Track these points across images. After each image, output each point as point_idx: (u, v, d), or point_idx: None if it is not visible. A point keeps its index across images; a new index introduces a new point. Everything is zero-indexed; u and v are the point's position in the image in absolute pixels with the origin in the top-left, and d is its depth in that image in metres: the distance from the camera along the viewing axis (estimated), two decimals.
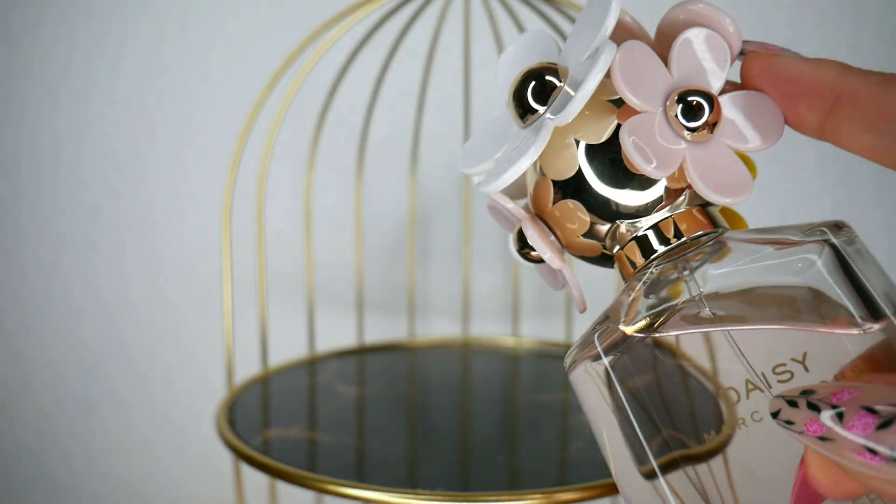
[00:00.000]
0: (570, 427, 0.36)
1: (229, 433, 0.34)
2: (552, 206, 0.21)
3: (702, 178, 0.19)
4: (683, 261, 0.20)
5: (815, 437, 0.14)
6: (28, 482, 0.63)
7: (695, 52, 0.20)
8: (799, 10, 0.58)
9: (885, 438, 0.13)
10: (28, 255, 0.60)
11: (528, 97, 0.20)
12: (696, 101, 0.19)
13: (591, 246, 0.21)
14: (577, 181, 0.20)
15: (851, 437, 0.14)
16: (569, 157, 0.20)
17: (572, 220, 0.21)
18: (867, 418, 0.14)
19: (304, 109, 0.57)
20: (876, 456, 0.13)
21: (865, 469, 0.14)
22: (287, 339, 0.61)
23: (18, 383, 0.61)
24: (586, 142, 0.20)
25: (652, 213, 0.20)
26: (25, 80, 0.58)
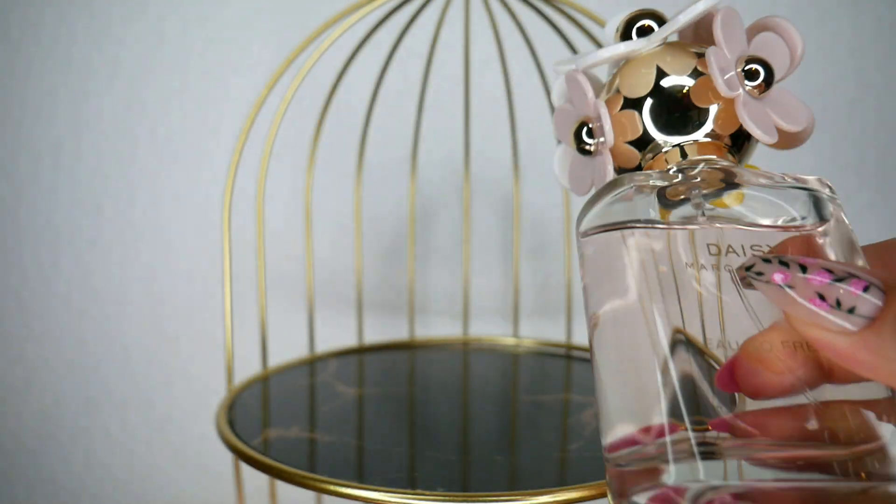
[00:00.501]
0: (570, 427, 0.36)
1: (229, 433, 0.34)
2: (617, 112, 0.25)
3: (747, 113, 0.24)
4: (698, 180, 0.23)
5: (779, 285, 0.18)
6: (28, 482, 0.63)
7: (771, 44, 0.25)
8: (799, 9, 0.58)
9: (833, 290, 0.17)
10: (28, 255, 0.60)
11: (632, 31, 0.25)
12: (757, 68, 0.24)
13: (632, 155, 0.26)
14: (644, 99, 0.25)
15: (810, 285, 0.17)
16: (646, 80, 0.25)
17: (628, 127, 0.25)
18: (825, 275, 0.17)
19: (305, 109, 0.57)
20: (824, 302, 0.17)
21: (814, 316, 0.17)
22: (287, 339, 0.61)
23: (19, 383, 0.61)
24: (669, 72, 0.25)
25: (689, 138, 0.25)
26: (25, 80, 0.58)
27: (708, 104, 0.25)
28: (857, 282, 0.17)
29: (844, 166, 0.59)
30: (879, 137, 0.59)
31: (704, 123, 0.25)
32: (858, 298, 0.17)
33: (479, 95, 0.54)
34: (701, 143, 0.25)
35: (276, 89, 0.47)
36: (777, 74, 0.25)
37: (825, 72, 0.59)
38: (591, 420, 0.36)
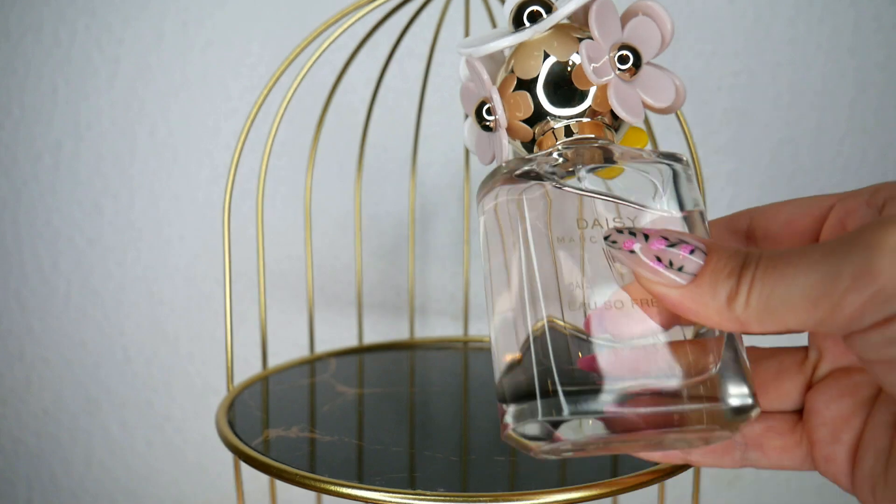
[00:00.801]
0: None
1: (229, 433, 0.34)
2: (511, 93, 0.29)
3: (616, 97, 0.27)
4: (580, 153, 0.27)
5: (628, 251, 0.22)
6: (28, 482, 0.63)
7: (642, 28, 0.28)
8: (799, 9, 0.58)
9: (668, 253, 0.22)
10: (28, 255, 0.60)
11: (523, 17, 0.28)
12: (627, 53, 0.28)
13: (526, 131, 0.29)
14: (534, 80, 0.28)
15: (650, 250, 0.22)
16: (535, 64, 0.28)
17: (521, 106, 0.29)
18: (662, 241, 0.22)
19: (305, 109, 0.57)
20: (661, 263, 0.21)
21: (653, 273, 0.22)
22: (287, 339, 0.61)
23: (19, 383, 0.61)
24: (554, 56, 0.28)
25: (573, 119, 0.29)
26: (25, 80, 0.58)
27: (587, 87, 0.28)
28: (686, 246, 0.22)
29: (844, 166, 0.59)
30: (879, 137, 0.59)
31: (585, 103, 0.28)
32: (685, 259, 0.21)
33: None
34: (583, 122, 0.29)
35: (276, 89, 0.47)
36: (647, 56, 0.28)
37: (825, 72, 0.59)
38: None
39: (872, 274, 0.18)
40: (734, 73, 0.59)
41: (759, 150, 0.59)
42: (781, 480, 0.62)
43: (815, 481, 0.62)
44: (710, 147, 0.59)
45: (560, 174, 0.26)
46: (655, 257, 0.22)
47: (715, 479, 0.63)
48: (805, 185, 0.59)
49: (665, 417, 0.23)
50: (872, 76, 0.59)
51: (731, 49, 0.58)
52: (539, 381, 0.23)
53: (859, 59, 0.58)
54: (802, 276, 0.19)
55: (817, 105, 0.59)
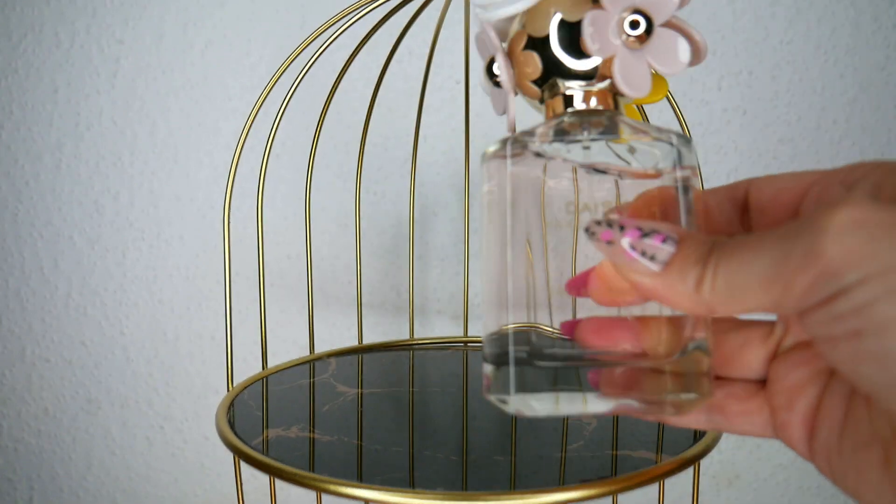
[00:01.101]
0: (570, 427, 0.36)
1: (229, 433, 0.34)
2: (521, 50, 0.28)
3: (620, 72, 0.27)
4: (587, 123, 0.27)
5: (605, 242, 0.23)
6: (28, 482, 0.63)
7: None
8: (799, 10, 0.58)
9: (642, 243, 0.23)
10: (28, 255, 0.60)
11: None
12: (639, 19, 0.27)
13: (534, 90, 0.29)
14: (544, 40, 0.27)
15: (624, 240, 0.23)
16: (546, 22, 0.27)
17: (529, 66, 0.28)
18: (636, 232, 0.23)
19: (305, 109, 0.57)
20: (635, 252, 0.23)
21: (629, 262, 0.23)
22: (287, 339, 0.61)
23: (19, 383, 0.61)
24: (563, 17, 0.27)
25: (582, 83, 0.28)
26: (25, 80, 0.58)
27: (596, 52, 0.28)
28: (658, 236, 0.23)
29: None
30: (879, 137, 0.59)
31: (593, 66, 0.27)
32: (658, 248, 0.23)
33: (479, 95, 0.54)
34: (592, 91, 0.28)
35: (276, 89, 0.47)
36: (663, 17, 0.27)
37: (825, 72, 0.59)
38: (591, 420, 0.36)
39: (817, 254, 0.19)
40: (734, 72, 0.59)
41: (759, 149, 0.59)
42: (781, 480, 0.62)
43: (815, 481, 0.62)
44: (710, 147, 0.59)
45: (557, 148, 0.27)
46: (630, 247, 0.23)
47: (715, 479, 0.63)
48: None
49: (638, 370, 0.26)
50: (872, 76, 0.59)
51: (731, 49, 0.58)
52: (513, 351, 0.26)
53: (858, 59, 0.58)
54: (758, 260, 0.21)
55: (817, 105, 0.59)
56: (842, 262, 0.19)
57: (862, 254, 0.19)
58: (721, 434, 0.33)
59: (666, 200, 0.26)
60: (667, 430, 0.35)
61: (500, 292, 0.27)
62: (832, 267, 0.19)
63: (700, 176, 0.36)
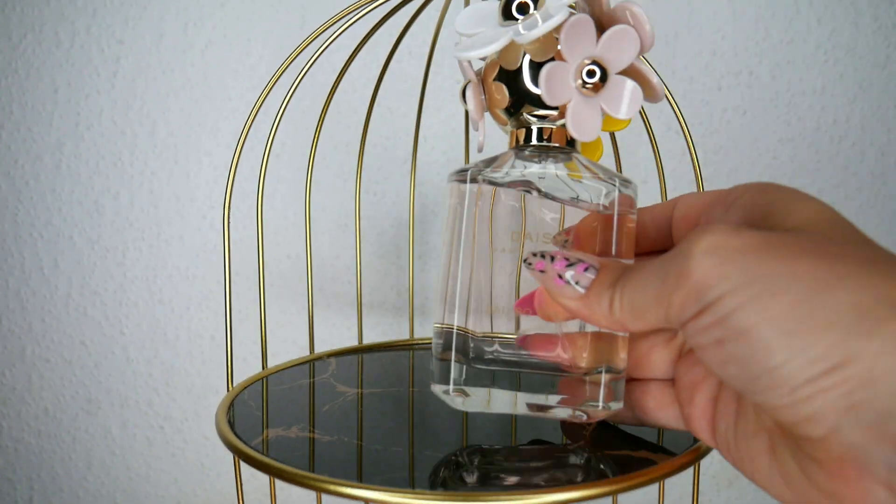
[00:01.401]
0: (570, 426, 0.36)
1: (229, 433, 0.34)
2: (492, 80, 0.31)
3: (571, 119, 0.29)
4: (544, 154, 0.31)
5: (539, 271, 0.27)
6: (28, 482, 0.63)
7: (617, 39, 0.29)
8: (799, 10, 0.58)
9: (567, 271, 0.26)
10: (28, 255, 0.60)
11: (511, 9, 0.29)
12: (594, 69, 0.29)
13: (501, 118, 0.31)
14: (514, 73, 0.30)
15: (554, 269, 0.27)
16: (517, 57, 0.30)
17: (499, 95, 0.31)
18: (563, 262, 0.27)
19: (305, 109, 0.57)
20: (562, 280, 0.27)
21: (558, 288, 0.27)
22: (287, 339, 0.61)
23: (19, 383, 0.61)
24: (531, 57, 0.30)
25: (545, 118, 0.31)
26: (25, 80, 0.58)
27: None
28: (582, 265, 0.27)
29: (844, 166, 0.59)
30: (879, 137, 0.59)
31: (556, 108, 0.30)
32: (581, 276, 0.26)
33: None
34: (554, 128, 0.31)
35: (276, 89, 0.47)
36: (619, 67, 0.29)
37: (825, 72, 0.59)
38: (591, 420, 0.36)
39: (686, 276, 0.22)
40: (734, 72, 0.59)
41: (759, 149, 0.59)
42: None
43: None
44: (710, 147, 0.59)
45: (511, 177, 0.30)
46: (558, 275, 0.27)
47: (715, 479, 0.63)
48: (805, 185, 0.59)
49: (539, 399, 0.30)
50: (872, 76, 0.59)
51: (730, 49, 0.58)
52: (454, 352, 0.30)
53: (858, 59, 0.58)
54: (649, 282, 0.24)
55: (817, 105, 0.59)
56: (704, 281, 0.22)
57: (718, 274, 0.22)
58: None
59: (603, 228, 0.29)
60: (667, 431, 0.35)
61: (447, 296, 0.31)
62: (697, 286, 0.22)
63: (700, 178, 0.36)
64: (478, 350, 0.30)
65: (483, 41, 0.30)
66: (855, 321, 0.20)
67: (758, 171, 0.59)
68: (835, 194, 0.60)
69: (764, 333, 0.21)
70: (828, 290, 0.21)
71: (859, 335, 0.20)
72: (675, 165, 0.57)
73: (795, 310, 0.21)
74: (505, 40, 0.29)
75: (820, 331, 0.20)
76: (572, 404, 0.30)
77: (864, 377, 0.20)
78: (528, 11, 0.29)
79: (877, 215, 0.60)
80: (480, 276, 0.30)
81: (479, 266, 0.30)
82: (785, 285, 0.21)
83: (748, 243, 0.22)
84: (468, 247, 0.30)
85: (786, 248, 0.22)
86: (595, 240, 0.29)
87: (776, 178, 0.59)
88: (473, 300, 0.31)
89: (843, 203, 0.60)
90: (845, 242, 0.22)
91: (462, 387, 0.30)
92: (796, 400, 0.21)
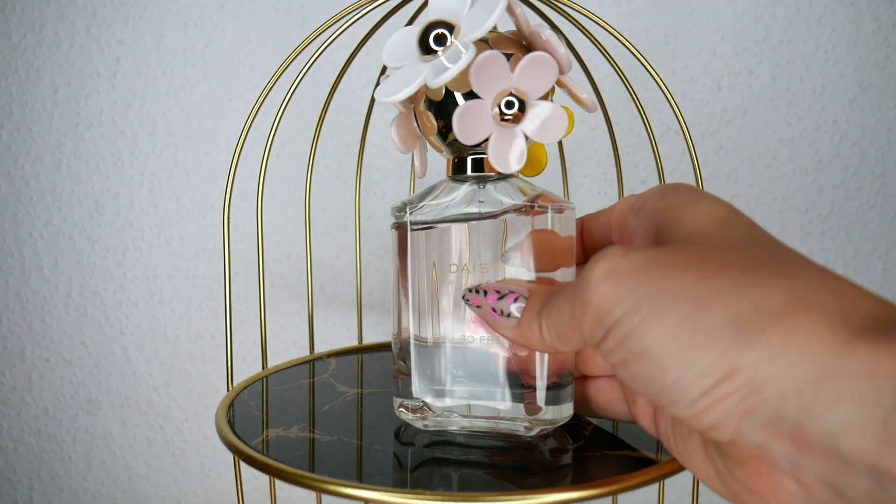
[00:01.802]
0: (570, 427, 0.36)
1: (229, 433, 0.34)
2: (421, 108, 0.31)
3: (492, 152, 0.30)
4: (479, 181, 0.32)
5: (475, 305, 0.29)
6: (28, 482, 0.63)
7: (532, 67, 0.30)
8: (799, 10, 0.58)
9: (499, 304, 0.28)
10: (28, 255, 0.60)
11: (429, 41, 0.30)
12: (512, 100, 0.30)
13: (437, 144, 0.32)
14: (440, 105, 0.31)
15: (487, 303, 0.29)
16: (440, 91, 0.30)
17: (428, 122, 0.31)
18: (495, 295, 0.29)
19: (305, 109, 0.57)
20: (496, 312, 0.28)
21: (495, 322, 0.28)
22: (287, 339, 0.61)
23: (19, 383, 0.61)
24: (453, 90, 0.30)
25: (477, 148, 0.31)
26: (25, 80, 0.58)
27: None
28: (512, 296, 0.28)
29: (844, 166, 0.59)
30: (879, 137, 0.59)
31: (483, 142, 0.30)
32: (512, 307, 0.28)
33: None
34: (485, 155, 0.31)
35: (276, 89, 0.47)
36: (538, 94, 0.30)
37: (825, 72, 0.59)
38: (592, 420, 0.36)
39: (588, 303, 0.24)
40: (734, 72, 0.59)
41: (759, 149, 0.59)
42: None
43: None
44: (709, 147, 0.59)
45: (446, 208, 0.31)
46: (492, 308, 0.29)
47: None
48: (805, 185, 0.59)
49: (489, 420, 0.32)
50: (872, 76, 0.59)
51: (730, 49, 0.58)
52: (417, 379, 0.32)
53: (859, 59, 0.58)
54: (564, 310, 0.25)
55: (817, 105, 0.59)
56: (602, 308, 0.23)
57: (615, 299, 0.23)
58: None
59: (544, 244, 0.31)
60: None
61: (396, 311, 0.33)
62: (598, 313, 0.23)
63: (700, 178, 0.36)
64: (434, 370, 0.32)
65: (400, 83, 0.30)
66: (734, 332, 0.21)
67: (758, 171, 0.59)
68: (835, 194, 0.60)
69: (657, 353, 0.22)
70: (708, 304, 0.21)
71: (740, 346, 0.21)
72: (675, 165, 0.57)
73: (680, 327, 0.22)
74: (418, 84, 0.29)
75: (704, 345, 0.21)
76: (523, 415, 0.32)
77: (750, 386, 0.21)
78: (446, 42, 0.29)
79: (877, 215, 0.60)
80: (423, 301, 0.32)
81: (421, 297, 0.32)
82: (670, 303, 0.22)
83: (637, 265, 0.23)
84: (404, 275, 0.32)
85: (672, 265, 0.23)
86: (536, 255, 0.30)
87: (776, 177, 0.59)
88: (415, 318, 0.32)
89: (843, 203, 0.60)
90: (734, 247, 0.23)
91: (420, 404, 0.32)
92: (698, 411, 0.22)
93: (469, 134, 0.30)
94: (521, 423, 0.32)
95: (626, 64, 0.40)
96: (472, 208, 0.31)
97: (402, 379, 0.33)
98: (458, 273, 0.31)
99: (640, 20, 0.58)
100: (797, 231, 0.60)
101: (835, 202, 0.60)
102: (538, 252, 0.30)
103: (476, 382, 0.32)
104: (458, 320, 0.31)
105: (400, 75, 0.30)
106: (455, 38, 0.30)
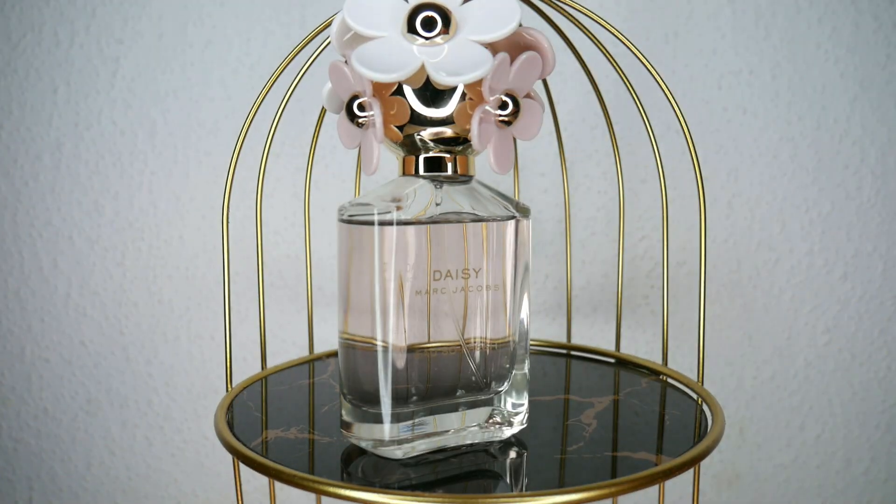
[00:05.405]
0: (570, 427, 0.36)
1: (228, 434, 0.34)
2: (390, 95, 0.29)
3: (495, 156, 0.29)
4: (440, 184, 0.31)
5: None
6: (28, 482, 0.63)
7: (527, 66, 0.30)
8: (799, 9, 0.58)
9: None
10: (27, 255, 0.60)
11: (416, 23, 0.28)
12: (508, 101, 0.29)
13: (396, 135, 0.30)
14: (417, 91, 0.29)
15: None
16: (421, 77, 0.29)
17: (397, 109, 0.29)
18: None
19: (305, 109, 0.57)
20: None
21: None
22: (287, 339, 0.61)
23: (19, 383, 0.61)
24: (440, 82, 0.28)
25: (443, 144, 0.30)
26: (25, 80, 0.58)
27: (468, 124, 0.29)
28: None
29: (844, 165, 0.59)
30: (880, 137, 0.59)
31: (453, 124, 0.29)
32: None
33: None
34: (448, 157, 0.30)
35: (276, 89, 0.47)
36: (525, 91, 0.29)
37: (825, 71, 0.58)
38: (591, 420, 0.36)
39: None
40: (734, 71, 0.59)
41: (760, 148, 0.59)
42: (781, 480, 0.62)
43: (815, 481, 0.62)
44: (710, 146, 0.59)
45: (412, 210, 0.30)
46: None
47: (715, 480, 0.63)
48: (805, 185, 0.59)
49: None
50: (872, 75, 0.58)
51: (731, 48, 0.58)
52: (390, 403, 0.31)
53: (859, 59, 0.58)
54: None
55: (817, 104, 0.59)
56: None
57: None
58: (721, 434, 0.33)
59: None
60: (667, 432, 0.35)
61: (345, 304, 0.31)
62: None
63: (700, 178, 0.36)
64: (403, 384, 0.30)
65: (390, 64, 0.28)
66: None
67: (758, 170, 0.59)
68: (835, 194, 0.60)
69: None
70: None
71: None
72: (675, 165, 0.57)
73: None
74: (413, 69, 0.28)
75: None
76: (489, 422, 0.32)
77: None
78: (434, 28, 0.28)
79: (877, 215, 0.60)
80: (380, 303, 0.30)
81: (379, 306, 0.30)
82: None
83: None
84: (354, 276, 0.30)
85: None
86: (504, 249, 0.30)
87: (776, 177, 0.59)
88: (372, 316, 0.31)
89: (844, 203, 0.60)
90: None
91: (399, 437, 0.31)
92: None
93: (483, 139, 0.29)
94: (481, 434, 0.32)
95: (626, 63, 0.40)
96: (453, 207, 0.31)
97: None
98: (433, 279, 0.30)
99: (640, 19, 0.58)
100: (797, 230, 0.60)
101: (835, 201, 0.60)
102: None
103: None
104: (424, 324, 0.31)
105: (387, 52, 0.28)
106: (452, 29, 0.28)
